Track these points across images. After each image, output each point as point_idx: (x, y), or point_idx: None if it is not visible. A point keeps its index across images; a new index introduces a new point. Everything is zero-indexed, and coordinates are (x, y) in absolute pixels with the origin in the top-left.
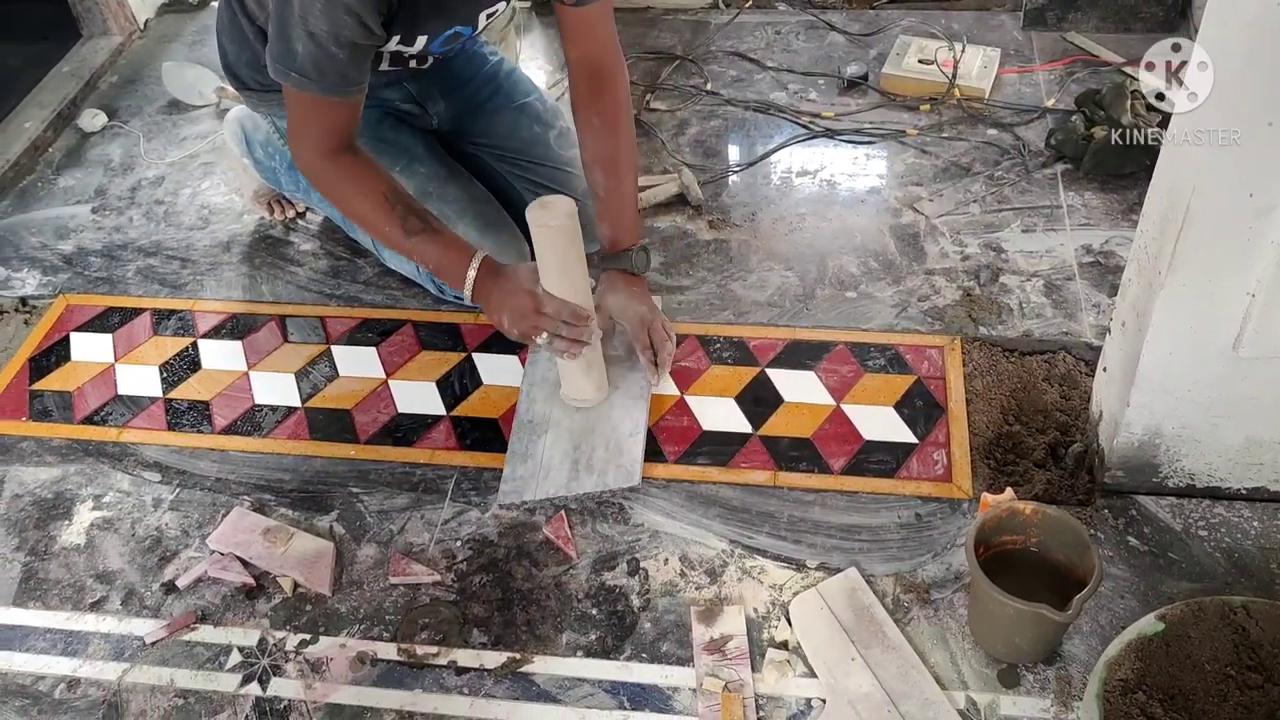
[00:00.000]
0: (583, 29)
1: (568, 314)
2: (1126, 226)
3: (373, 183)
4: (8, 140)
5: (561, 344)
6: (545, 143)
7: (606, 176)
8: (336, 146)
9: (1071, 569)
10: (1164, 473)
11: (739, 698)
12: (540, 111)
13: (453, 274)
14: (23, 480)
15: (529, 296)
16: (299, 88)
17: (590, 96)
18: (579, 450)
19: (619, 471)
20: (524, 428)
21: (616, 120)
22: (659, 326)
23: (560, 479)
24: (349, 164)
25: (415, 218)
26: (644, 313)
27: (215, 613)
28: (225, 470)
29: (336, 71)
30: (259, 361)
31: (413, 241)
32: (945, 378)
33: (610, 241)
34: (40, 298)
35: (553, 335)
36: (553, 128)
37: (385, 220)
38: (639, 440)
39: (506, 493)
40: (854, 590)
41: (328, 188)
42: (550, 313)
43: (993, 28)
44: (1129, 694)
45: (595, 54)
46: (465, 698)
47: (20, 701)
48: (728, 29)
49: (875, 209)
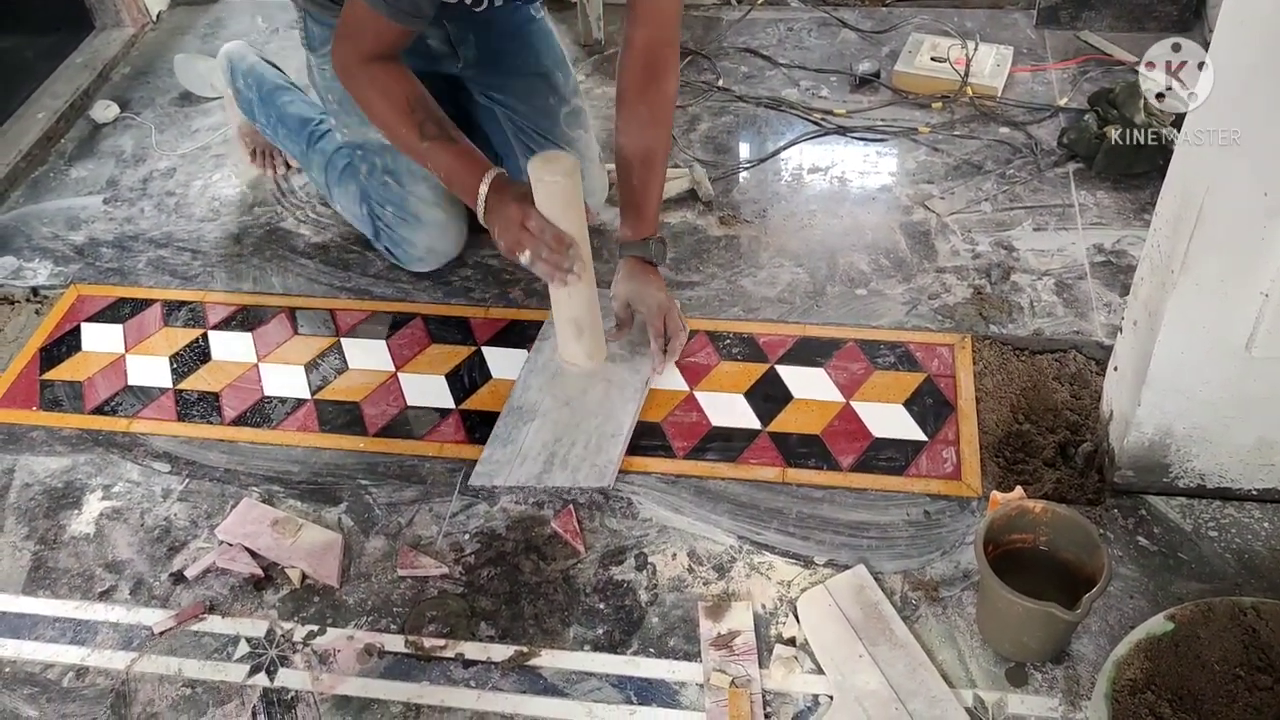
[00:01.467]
0: (655, 15)
1: (550, 235)
2: (1138, 226)
3: (401, 87)
4: (20, 131)
5: (544, 266)
6: (555, 117)
7: (642, 167)
8: (377, 57)
9: (1081, 568)
10: (1174, 473)
11: (746, 693)
12: (560, 84)
13: (464, 185)
14: (33, 469)
15: (519, 209)
16: (371, 5)
17: (642, 84)
18: (559, 443)
19: (593, 470)
20: (512, 413)
21: (662, 110)
22: (675, 315)
23: (534, 469)
24: (382, 69)
25: (433, 124)
26: (662, 299)
27: (223, 603)
28: (234, 461)
29: (412, 1)
30: (269, 353)
31: (427, 146)
32: (955, 376)
33: (634, 229)
34: (51, 288)
35: (535, 256)
36: (567, 104)
37: (403, 122)
38: (619, 442)
39: (480, 474)
40: (862, 587)
41: (356, 88)
42: (533, 228)
43: (1006, 26)
44: (1138, 694)
45: (658, 42)
46: (472, 690)
47: (29, 689)
48: (740, 25)
49: (886, 206)
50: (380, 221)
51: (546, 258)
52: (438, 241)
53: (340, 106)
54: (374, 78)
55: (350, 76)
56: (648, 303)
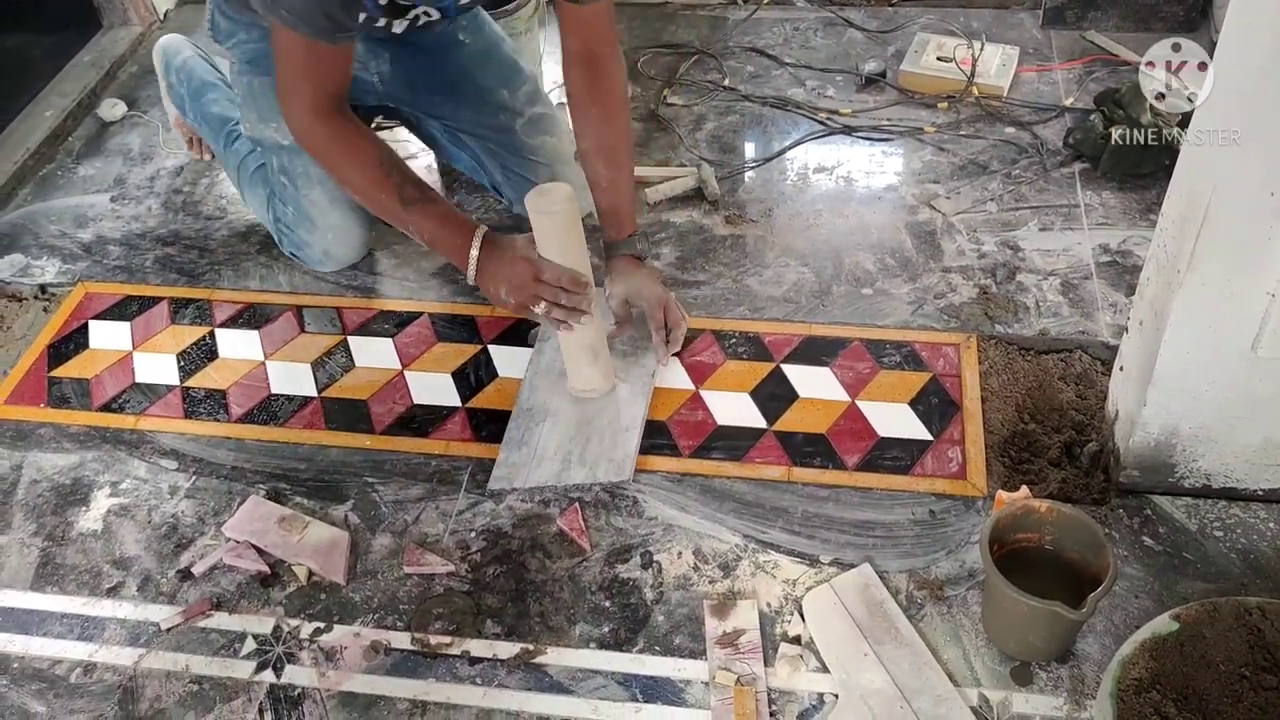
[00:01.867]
0: (584, 27)
1: (566, 279)
2: (1144, 226)
3: (367, 147)
4: (29, 129)
5: (560, 312)
6: (511, 131)
7: (607, 167)
8: (329, 107)
9: (1086, 568)
10: (1180, 473)
11: (751, 691)
12: (505, 100)
13: (453, 248)
14: (41, 466)
15: (527, 265)
16: (288, 25)
17: (588, 87)
18: (574, 441)
19: (610, 465)
20: (523, 415)
21: (615, 110)
22: (673, 306)
23: (552, 469)
24: (341, 127)
25: (412, 186)
26: (660, 292)
27: (230, 600)
28: (241, 459)
29: (324, 13)
30: (276, 351)
31: (408, 211)
32: (961, 375)
33: (615, 228)
34: (59, 285)
35: (550, 304)
36: (521, 116)
37: (380, 189)
38: (634, 435)
39: (498, 478)
40: (867, 586)
41: (320, 151)
42: (549, 279)
43: (1011, 26)
44: (1143, 693)
45: (594, 49)
46: (478, 688)
47: (37, 685)
48: (746, 25)
49: (892, 206)
50: (281, 222)
51: (565, 302)
52: (334, 246)
53: (244, 100)
54: (335, 136)
55: (310, 137)
56: (646, 297)
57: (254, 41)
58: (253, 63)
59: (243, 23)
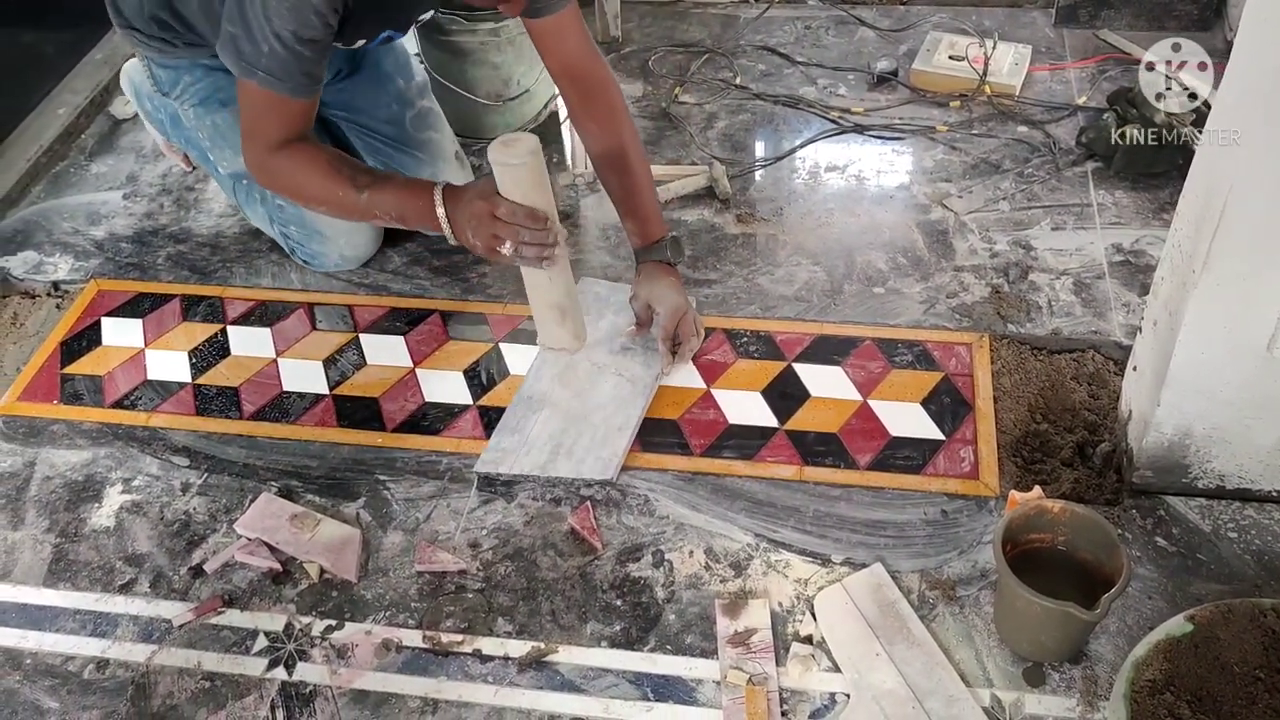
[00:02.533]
0: (551, 40)
1: (523, 215)
2: (1157, 226)
3: (316, 155)
4: (41, 126)
5: (529, 250)
6: (400, 122)
7: (619, 176)
8: (286, 142)
9: (1099, 568)
10: (1194, 473)
11: (763, 691)
12: (401, 89)
13: (419, 211)
14: (53, 463)
15: (483, 203)
16: (266, 86)
17: (582, 104)
18: (565, 434)
19: (597, 462)
20: (522, 402)
21: (612, 120)
22: (689, 320)
23: (539, 459)
24: (293, 150)
25: (363, 174)
26: (680, 303)
27: (242, 597)
28: (253, 456)
29: (302, 71)
30: (288, 349)
31: (366, 196)
32: (973, 375)
33: (641, 235)
34: (72, 282)
35: (516, 244)
36: (413, 107)
37: (337, 186)
38: (626, 435)
39: (485, 461)
40: (879, 586)
41: (281, 181)
42: (504, 214)
43: (1024, 24)
44: (1157, 695)
45: (572, 61)
46: (489, 686)
47: (50, 681)
48: (757, 23)
49: (904, 205)
50: (289, 238)
51: (528, 240)
52: (347, 249)
53: (212, 143)
54: (289, 159)
55: (266, 172)
56: (665, 304)
57: (199, 81)
58: (205, 102)
59: (182, 67)
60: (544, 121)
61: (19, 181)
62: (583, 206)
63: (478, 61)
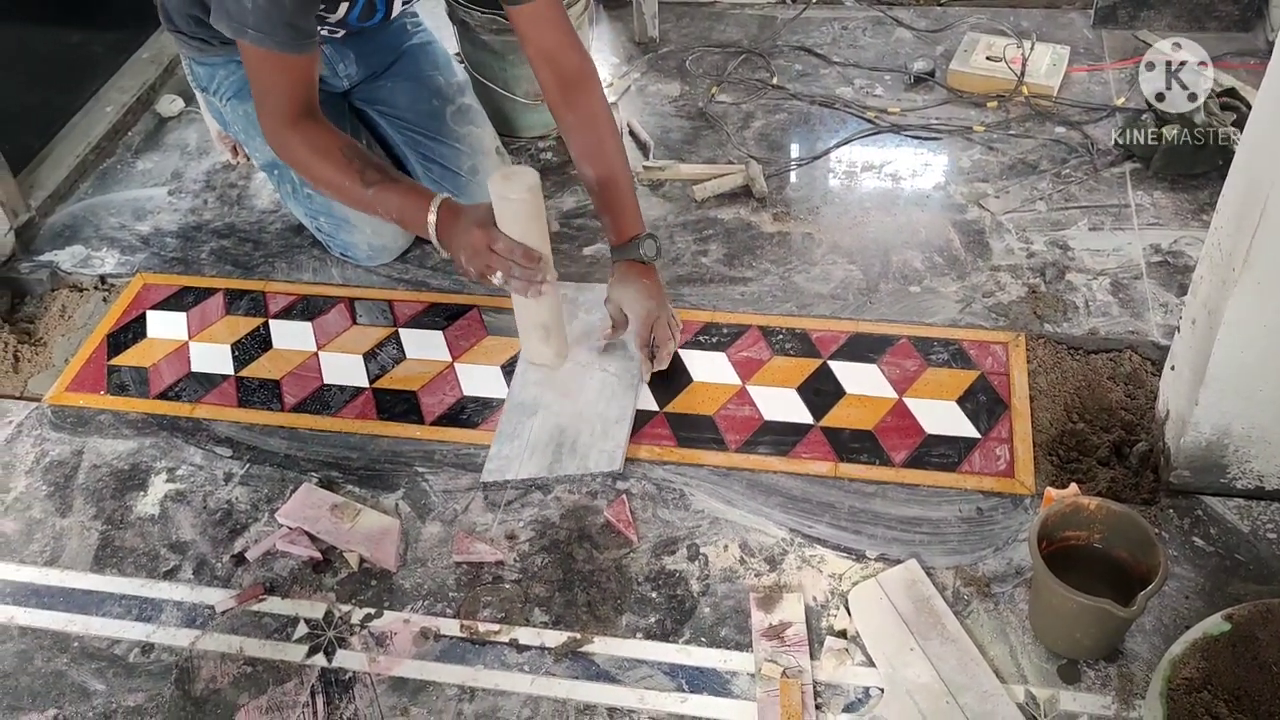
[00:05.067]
0: (529, 26)
1: (519, 254)
2: (1196, 227)
3: (331, 139)
4: (90, 124)
5: (517, 284)
6: (441, 116)
7: (596, 169)
8: (299, 112)
9: (1135, 566)
10: (1232, 474)
11: (797, 684)
12: (441, 85)
13: (415, 218)
14: (100, 452)
15: (482, 233)
16: (256, 43)
17: (561, 95)
18: (565, 434)
19: (601, 455)
20: (514, 409)
21: (592, 115)
22: (664, 323)
23: (544, 460)
24: (309, 129)
25: (373, 170)
26: (651, 308)
27: (283, 585)
28: (294, 447)
29: (284, 23)
30: (328, 342)
31: (373, 193)
32: (1009, 374)
33: (615, 232)
34: (118, 276)
35: (507, 276)
36: (452, 103)
37: (345, 176)
38: (625, 426)
39: (490, 470)
40: (914, 582)
41: (293, 157)
42: (501, 250)
43: (1062, 25)
44: (1194, 693)
45: (551, 51)
46: (526, 675)
47: (96, 664)
48: (794, 23)
49: (940, 205)
50: (322, 231)
51: (519, 275)
52: (375, 239)
53: (246, 135)
54: (304, 138)
55: (284, 146)
56: (635, 310)
57: (232, 75)
58: (239, 95)
59: (219, 63)
60: None
61: (68, 178)
62: None
63: (516, 61)
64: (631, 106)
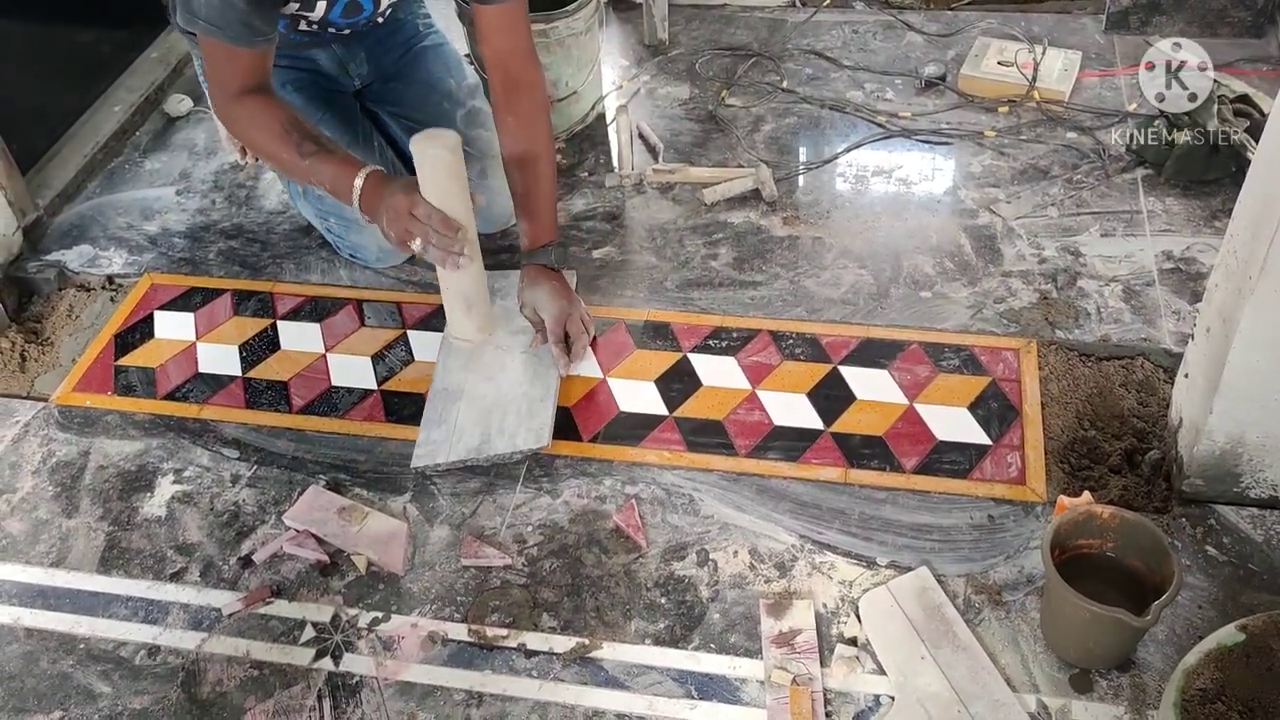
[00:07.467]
0: (492, 29)
1: (437, 219)
2: (1209, 233)
3: (272, 112)
4: (98, 123)
5: (435, 252)
6: (450, 119)
7: (523, 174)
8: (245, 89)
9: (1148, 575)
10: (1245, 483)
11: (807, 691)
12: (451, 89)
13: (344, 186)
14: (107, 452)
15: (405, 198)
16: (207, 34)
17: (505, 96)
18: (490, 416)
19: (528, 433)
20: (439, 395)
21: (531, 120)
22: (576, 320)
23: (472, 442)
24: (252, 102)
25: (310, 141)
26: (563, 306)
27: (290, 588)
28: (302, 449)
29: (238, 21)
30: (336, 344)
31: (308, 163)
32: (1021, 380)
33: (530, 237)
34: (126, 276)
35: (425, 242)
36: (463, 106)
37: (283, 147)
38: (549, 404)
39: (420, 456)
40: (925, 589)
41: (239, 129)
42: (421, 215)
43: (1074, 30)
44: (1208, 704)
45: (506, 54)
46: (534, 680)
47: (102, 666)
48: (804, 27)
49: (951, 210)
50: (332, 232)
51: (436, 243)
52: (384, 239)
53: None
54: (247, 110)
55: (229, 119)
56: (549, 310)
57: (292, 68)
58: (288, 89)
59: None
60: (591, 123)
61: (75, 177)
62: (629, 207)
63: None
64: (641, 109)
